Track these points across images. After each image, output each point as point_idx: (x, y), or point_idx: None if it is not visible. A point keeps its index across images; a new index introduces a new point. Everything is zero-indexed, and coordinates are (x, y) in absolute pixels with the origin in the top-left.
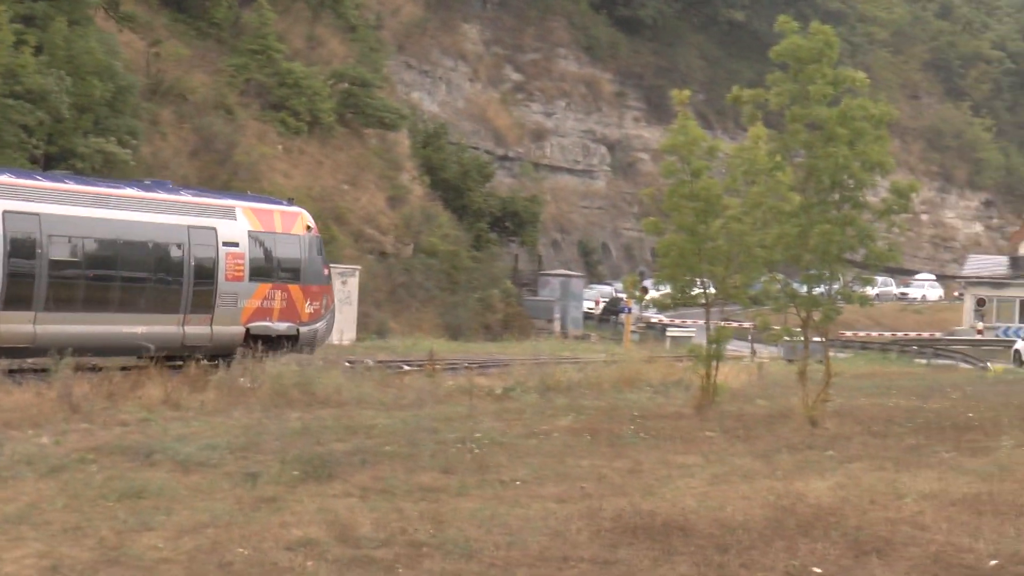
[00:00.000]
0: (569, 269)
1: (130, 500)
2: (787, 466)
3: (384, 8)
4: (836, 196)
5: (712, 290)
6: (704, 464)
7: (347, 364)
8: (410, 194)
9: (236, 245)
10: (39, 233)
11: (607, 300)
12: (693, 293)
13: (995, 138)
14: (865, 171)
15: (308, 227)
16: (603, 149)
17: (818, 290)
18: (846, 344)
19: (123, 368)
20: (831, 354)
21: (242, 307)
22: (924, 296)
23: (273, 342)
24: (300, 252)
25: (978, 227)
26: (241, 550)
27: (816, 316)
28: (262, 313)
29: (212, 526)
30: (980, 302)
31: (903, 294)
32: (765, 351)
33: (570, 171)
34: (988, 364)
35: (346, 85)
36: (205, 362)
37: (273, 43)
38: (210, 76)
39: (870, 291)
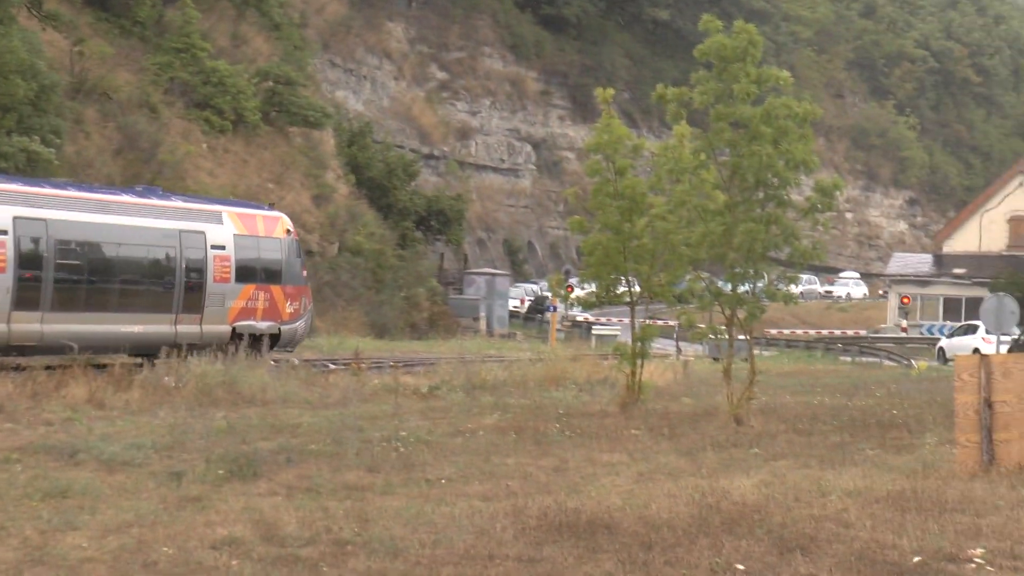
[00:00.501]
0: (495, 268)
1: (54, 499)
2: (712, 464)
3: (309, 6)
4: (760, 194)
5: (637, 288)
6: (629, 462)
7: (272, 363)
8: (335, 193)
9: (223, 248)
10: (46, 237)
11: (533, 299)
12: (618, 291)
13: (919, 137)
14: (789, 169)
15: (288, 231)
16: (528, 148)
17: (743, 288)
18: (771, 342)
19: (48, 368)
20: (756, 352)
21: (228, 307)
22: (849, 294)
23: (256, 340)
24: (281, 255)
25: (902, 225)
26: (166, 549)
27: (741, 314)
28: (247, 313)
29: (137, 525)
30: (904, 300)
31: (828, 292)
32: (690, 349)
33: (495, 170)
34: (912, 362)
35: (271, 83)
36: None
37: (197, 41)
38: (134, 75)
39: (794, 289)
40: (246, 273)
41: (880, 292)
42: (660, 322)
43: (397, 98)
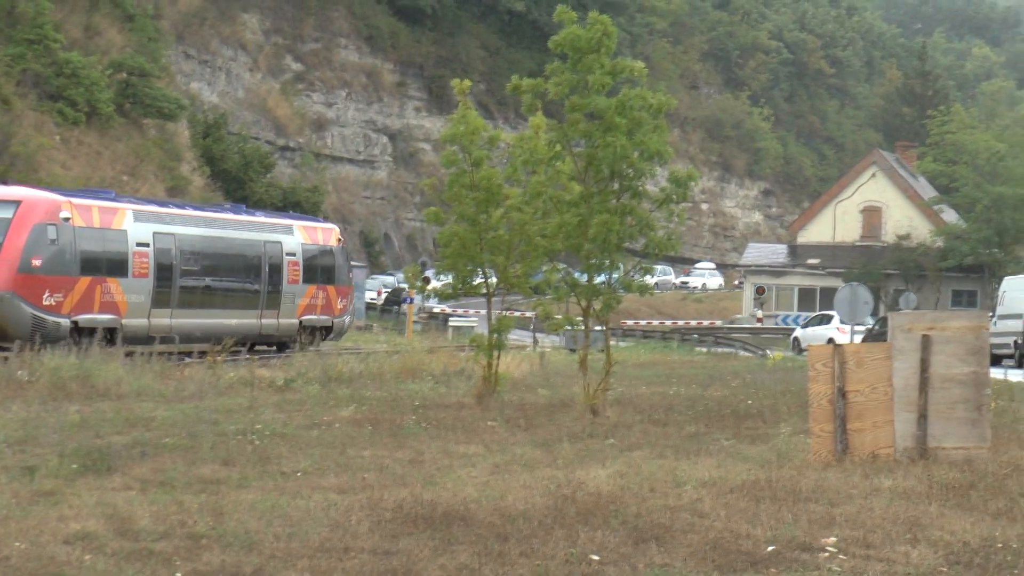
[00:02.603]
0: (351, 259)
1: None
2: (568, 455)
3: None
4: (616, 185)
5: (494, 280)
6: (486, 454)
7: (126, 356)
8: (190, 185)
9: (294, 255)
10: (174, 249)
11: (389, 290)
12: (475, 283)
13: (773, 128)
14: (644, 160)
15: (339, 240)
16: (384, 139)
17: (598, 279)
18: (627, 333)
19: None
20: (612, 343)
21: (297, 304)
22: (704, 284)
23: (315, 331)
24: (334, 260)
25: (757, 216)
26: (18, 544)
27: (597, 305)
28: (310, 309)
29: None
30: (759, 291)
31: (684, 283)
32: (547, 340)
33: (351, 161)
34: (767, 352)
35: (124, 75)
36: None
37: (50, 32)
38: None
39: (649, 280)
40: (310, 275)
41: (735, 282)
42: (516, 313)
43: (252, 89)
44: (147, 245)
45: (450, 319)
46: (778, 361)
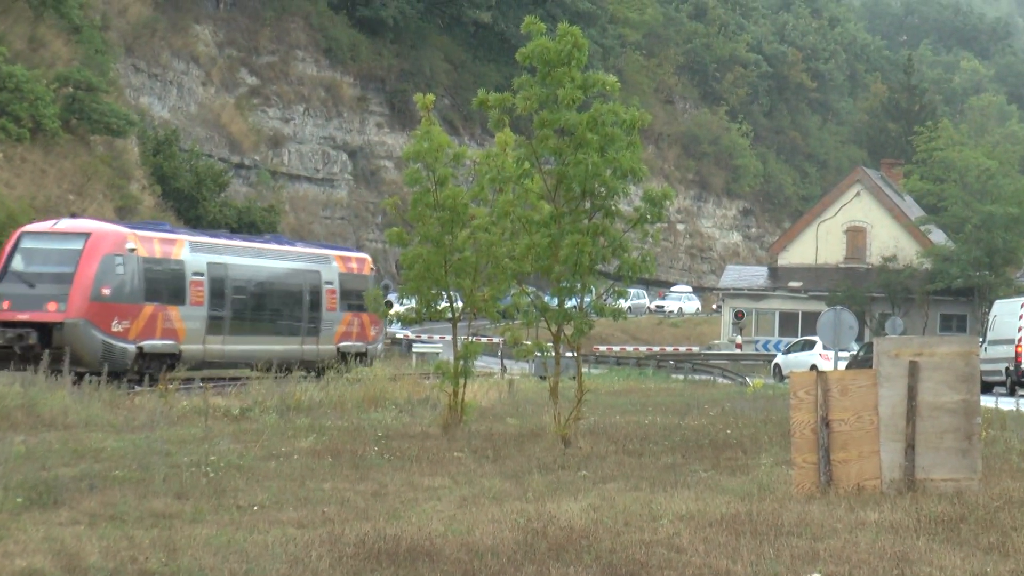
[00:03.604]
0: (390, 288)
1: None
2: (538, 487)
3: (110, 8)
4: (587, 205)
5: (459, 304)
6: (452, 486)
7: (73, 384)
8: (140, 204)
9: (331, 283)
10: (227, 278)
11: None
12: (440, 307)
13: (752, 144)
14: (617, 178)
15: (372, 268)
16: (344, 156)
17: (570, 303)
18: (600, 359)
19: None
20: (584, 370)
21: (335, 331)
22: (681, 309)
23: (351, 357)
24: (368, 287)
25: (736, 236)
26: None
27: (568, 330)
28: (347, 335)
29: None
30: (739, 315)
31: (659, 307)
32: (516, 367)
33: (310, 179)
34: (747, 379)
35: (71, 89)
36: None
37: None
38: None
39: (623, 304)
40: (346, 303)
41: (713, 307)
42: (484, 339)
43: (205, 104)
44: (202, 274)
45: (414, 345)
46: (758, 389)
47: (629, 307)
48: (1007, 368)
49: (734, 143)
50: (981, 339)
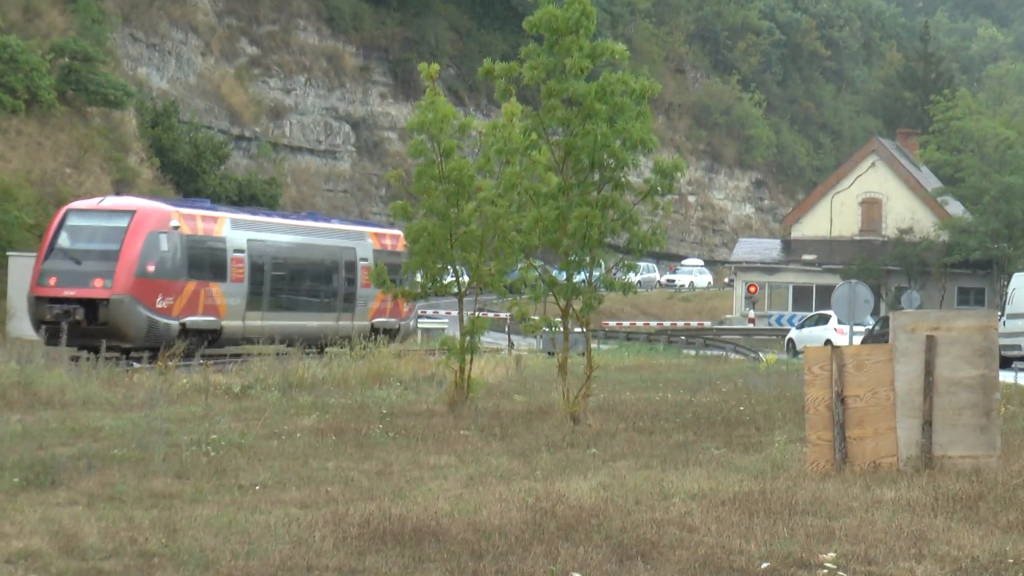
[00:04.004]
0: None
1: None
2: (547, 466)
3: None
4: (596, 177)
5: (465, 278)
6: (458, 465)
7: (71, 361)
8: (138, 178)
9: (366, 260)
10: (265, 254)
11: None
12: (445, 282)
13: (765, 114)
14: (626, 150)
15: (405, 245)
16: (347, 128)
17: (578, 277)
18: (610, 335)
19: None
20: (594, 346)
21: (369, 307)
22: (692, 283)
23: (385, 333)
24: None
25: (749, 209)
26: None
27: (576, 305)
28: (381, 312)
29: None
30: (751, 289)
31: (670, 281)
32: (523, 343)
33: (312, 151)
34: (760, 355)
35: (67, 60)
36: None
37: None
38: None
39: (633, 278)
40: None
41: (725, 280)
42: (490, 314)
43: (205, 75)
44: (243, 251)
45: (419, 320)
46: (772, 364)
47: (639, 281)
48: None
49: (746, 113)
50: (1000, 313)
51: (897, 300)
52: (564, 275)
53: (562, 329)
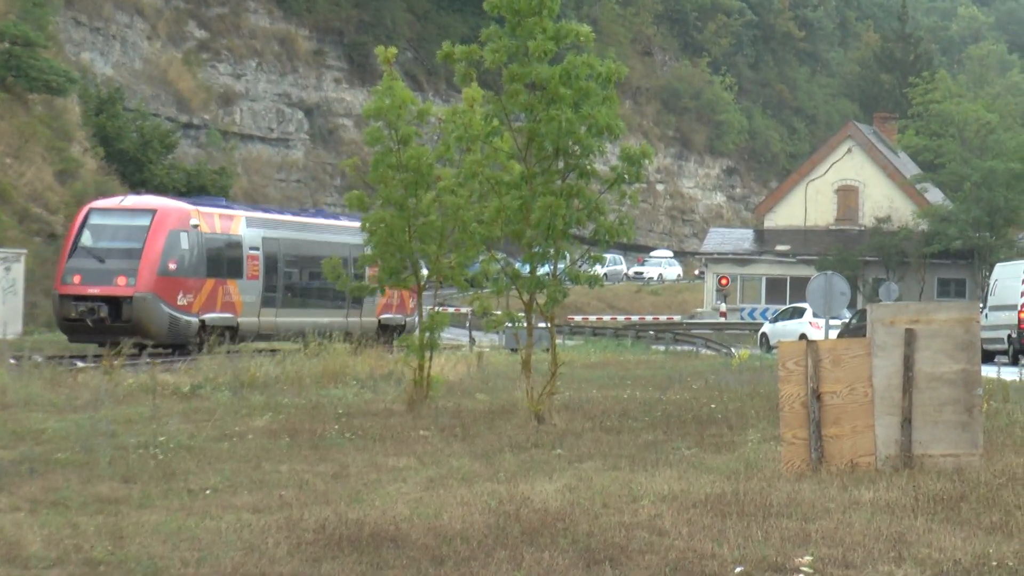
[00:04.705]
0: None
1: None
2: (510, 467)
3: None
4: (561, 164)
5: (425, 271)
6: (418, 467)
7: (12, 361)
8: (82, 168)
9: None
10: (279, 252)
11: None
12: (403, 275)
13: (737, 98)
14: (592, 136)
15: None
16: (300, 114)
17: (542, 270)
18: (576, 330)
19: None
20: (559, 341)
21: (376, 303)
22: (661, 275)
23: (391, 329)
24: None
25: (720, 197)
26: None
27: (541, 299)
28: (387, 308)
29: None
30: (723, 281)
31: (638, 274)
32: (485, 339)
33: (263, 139)
34: (732, 350)
35: (6, 45)
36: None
37: None
38: None
39: (600, 270)
40: None
41: (696, 272)
42: (451, 309)
43: (151, 60)
44: (257, 249)
45: None
46: (744, 360)
47: (605, 274)
48: (1009, 336)
49: (717, 97)
50: (981, 305)
51: (875, 292)
52: (527, 268)
53: (526, 324)
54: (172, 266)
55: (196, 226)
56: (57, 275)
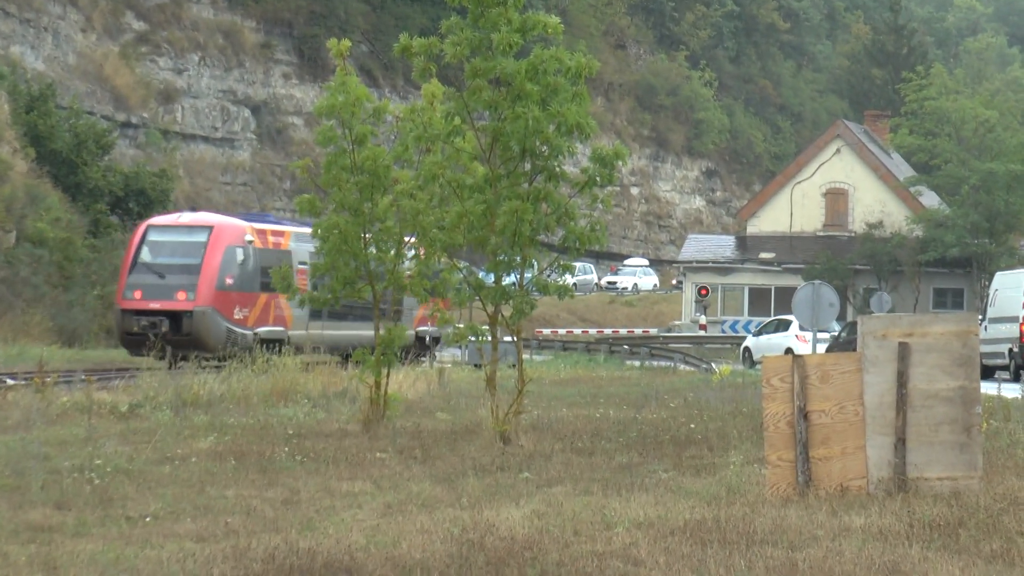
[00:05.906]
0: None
1: None
2: (474, 492)
3: None
4: (527, 166)
5: (381, 281)
6: (375, 492)
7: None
8: (11, 170)
9: (410, 269)
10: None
11: None
12: (358, 286)
13: (717, 95)
14: (561, 136)
15: None
16: (246, 113)
17: (508, 280)
18: (544, 344)
19: None
20: (526, 356)
21: (414, 316)
22: (636, 285)
23: (429, 341)
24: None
25: (699, 201)
26: None
27: (506, 311)
28: (424, 321)
29: None
30: (702, 292)
31: (611, 283)
32: (447, 354)
33: (207, 139)
34: (713, 365)
35: None
36: None
37: None
38: None
39: (569, 280)
40: None
41: (673, 282)
42: None
43: (86, 54)
44: (305, 263)
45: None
46: (726, 376)
47: (576, 284)
48: (1010, 350)
49: (696, 94)
50: (980, 317)
51: (866, 303)
52: (492, 277)
53: (490, 338)
54: (229, 281)
55: (251, 242)
56: (118, 290)
